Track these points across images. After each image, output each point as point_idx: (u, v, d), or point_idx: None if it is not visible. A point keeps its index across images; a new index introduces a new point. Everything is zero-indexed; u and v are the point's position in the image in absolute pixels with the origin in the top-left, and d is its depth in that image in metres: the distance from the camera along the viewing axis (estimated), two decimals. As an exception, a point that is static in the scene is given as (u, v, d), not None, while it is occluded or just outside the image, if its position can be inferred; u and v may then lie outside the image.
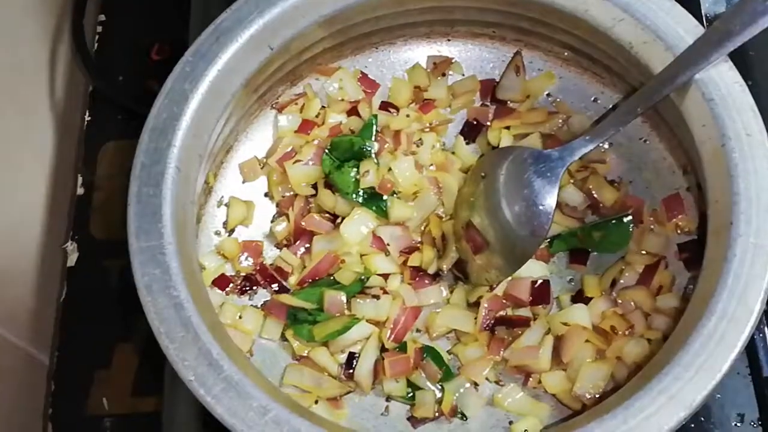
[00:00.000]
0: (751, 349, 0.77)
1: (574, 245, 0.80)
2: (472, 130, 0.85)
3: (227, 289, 0.79)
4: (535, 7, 0.79)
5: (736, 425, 0.76)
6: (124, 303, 0.70)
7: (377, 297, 0.77)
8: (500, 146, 0.82)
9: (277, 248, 0.82)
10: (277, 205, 0.84)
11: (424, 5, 0.82)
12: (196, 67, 0.75)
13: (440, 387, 0.75)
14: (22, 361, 0.87)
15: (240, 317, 0.77)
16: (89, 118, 0.97)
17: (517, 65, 0.86)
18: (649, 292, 0.76)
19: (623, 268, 0.78)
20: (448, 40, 0.87)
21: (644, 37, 0.74)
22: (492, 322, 0.77)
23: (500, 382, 0.76)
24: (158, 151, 0.72)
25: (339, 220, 0.81)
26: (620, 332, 0.75)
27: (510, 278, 0.78)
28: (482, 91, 0.87)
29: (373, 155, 0.80)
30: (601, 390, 0.73)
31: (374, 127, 0.81)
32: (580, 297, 0.78)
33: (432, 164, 0.83)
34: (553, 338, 0.75)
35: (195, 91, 0.74)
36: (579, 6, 0.76)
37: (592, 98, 0.85)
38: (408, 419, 0.75)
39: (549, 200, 0.74)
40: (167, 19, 0.98)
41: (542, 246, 0.80)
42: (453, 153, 0.84)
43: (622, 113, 0.75)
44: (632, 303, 0.76)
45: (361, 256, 0.79)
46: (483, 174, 0.79)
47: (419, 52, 0.88)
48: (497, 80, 0.86)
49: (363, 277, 0.78)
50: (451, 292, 0.79)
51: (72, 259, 0.90)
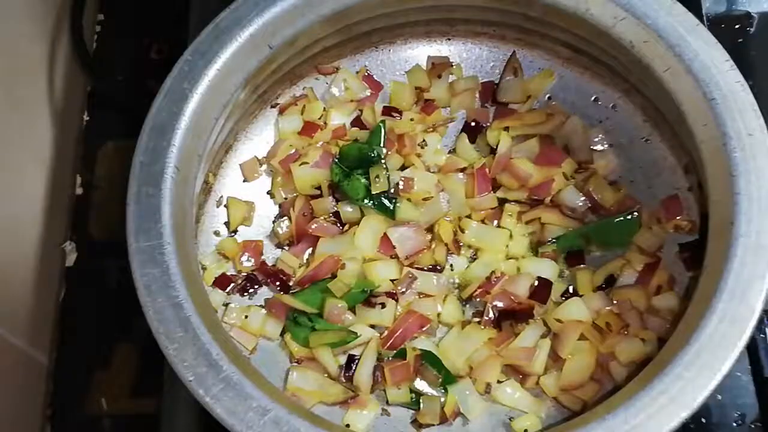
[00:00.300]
0: (752, 349, 0.77)
1: (578, 245, 0.80)
2: (471, 131, 0.85)
3: (228, 288, 0.79)
4: (536, 6, 0.79)
5: (736, 425, 0.76)
6: (123, 303, 0.70)
7: (383, 305, 0.77)
8: (499, 147, 0.82)
9: (278, 248, 0.82)
10: (280, 206, 0.83)
11: (424, 4, 0.82)
12: (196, 67, 0.75)
13: (443, 390, 0.75)
14: (20, 361, 0.87)
15: (246, 317, 0.77)
16: (88, 118, 0.96)
17: (514, 66, 0.85)
18: (645, 291, 0.76)
19: (623, 266, 0.77)
20: (448, 40, 0.87)
21: (645, 36, 0.73)
22: (497, 314, 0.77)
23: (500, 380, 0.75)
24: (157, 151, 0.72)
25: (347, 227, 0.81)
26: (615, 330, 0.74)
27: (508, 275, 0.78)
28: (482, 94, 0.86)
29: (382, 160, 0.80)
30: (586, 381, 0.73)
31: (383, 133, 0.81)
32: (573, 294, 0.78)
33: (436, 166, 0.83)
34: (549, 342, 0.75)
35: (194, 90, 0.74)
36: (580, 5, 0.76)
37: (593, 97, 0.84)
38: (412, 422, 0.75)
39: None
40: (166, 18, 0.97)
41: (549, 245, 0.79)
42: (455, 151, 0.84)
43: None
44: (628, 302, 0.75)
45: (366, 260, 0.79)
46: None
47: (419, 52, 0.87)
48: (497, 82, 0.86)
49: (366, 289, 0.77)
50: (444, 299, 0.79)
51: (71, 259, 0.90)
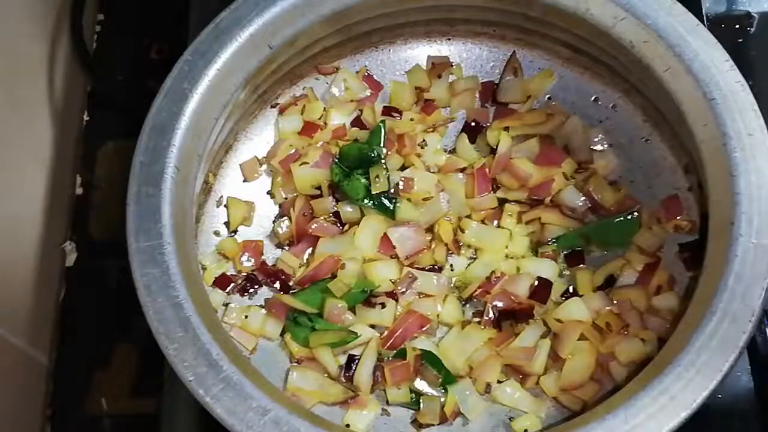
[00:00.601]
0: (752, 349, 0.77)
1: (578, 245, 0.80)
2: (471, 131, 0.85)
3: (228, 288, 0.79)
4: (536, 6, 0.79)
5: (736, 426, 0.76)
6: (123, 303, 0.70)
7: (383, 305, 0.77)
8: (499, 147, 0.82)
9: (278, 248, 0.82)
10: (280, 206, 0.83)
11: (424, 4, 0.82)
12: (196, 67, 0.75)
13: (443, 390, 0.75)
14: (20, 361, 0.87)
15: (246, 317, 0.77)
16: (88, 118, 0.96)
17: (513, 66, 0.85)
18: (645, 292, 0.76)
19: (623, 266, 0.77)
20: (448, 39, 0.87)
21: (645, 36, 0.73)
22: (497, 314, 0.77)
23: (500, 380, 0.75)
24: (157, 151, 0.72)
25: (347, 227, 0.81)
26: (615, 330, 0.74)
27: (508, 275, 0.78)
28: (482, 94, 0.86)
29: (382, 160, 0.80)
30: (586, 381, 0.73)
31: (382, 133, 0.81)
32: (573, 294, 0.78)
33: (436, 166, 0.83)
34: (550, 342, 0.75)
35: (194, 90, 0.74)
36: (580, 5, 0.76)
37: (593, 97, 0.84)
38: (412, 422, 0.75)
39: None
40: (166, 18, 0.97)
41: (549, 245, 0.80)
42: (455, 151, 0.84)
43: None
44: (628, 302, 0.75)
45: (366, 260, 0.79)
46: None
47: (419, 52, 0.87)
48: (497, 82, 0.86)
49: (366, 289, 0.77)
50: (444, 299, 0.79)
51: (71, 259, 0.90)
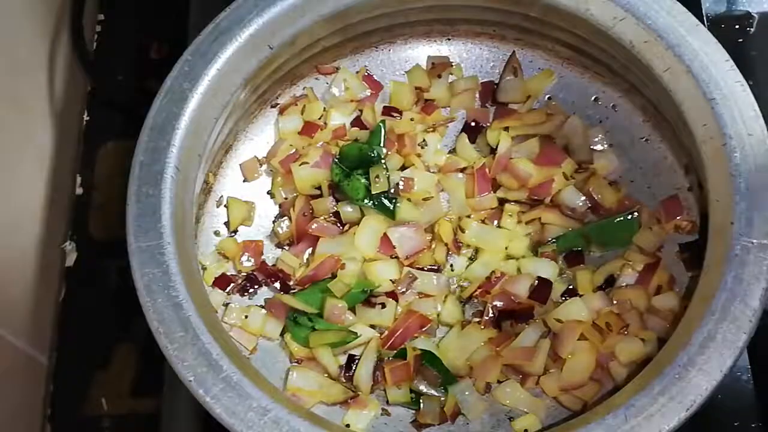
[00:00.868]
0: (752, 349, 0.77)
1: (578, 245, 0.80)
2: (471, 131, 0.85)
3: (228, 288, 0.79)
4: (536, 6, 0.79)
5: (736, 425, 0.76)
6: (123, 303, 0.70)
7: (383, 305, 0.77)
8: (499, 147, 0.82)
9: (278, 248, 0.82)
10: (280, 206, 0.83)
11: (425, 4, 0.82)
12: (196, 67, 0.75)
13: (443, 390, 0.75)
14: (20, 361, 0.87)
15: (246, 317, 0.77)
16: (88, 118, 0.96)
17: (513, 66, 0.85)
18: (645, 292, 0.76)
19: (623, 266, 0.77)
20: (448, 39, 0.87)
21: (645, 36, 0.73)
22: (497, 314, 0.77)
23: (500, 380, 0.75)
24: (157, 151, 0.72)
25: (347, 227, 0.81)
26: (615, 330, 0.74)
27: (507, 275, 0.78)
28: (482, 94, 0.86)
29: (382, 160, 0.80)
30: (586, 381, 0.73)
31: (382, 133, 0.81)
32: (573, 294, 0.78)
33: (436, 166, 0.83)
34: (549, 342, 0.75)
35: (194, 90, 0.74)
36: (580, 5, 0.76)
37: (593, 97, 0.84)
38: (411, 422, 0.75)
39: None
40: (166, 18, 0.98)
41: (549, 245, 0.80)
42: (455, 151, 0.84)
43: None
44: (628, 302, 0.75)
45: (366, 260, 0.78)
46: None
47: (419, 52, 0.87)
48: (497, 82, 0.86)
49: (366, 289, 0.77)
50: (444, 299, 0.79)
51: (71, 259, 0.90)
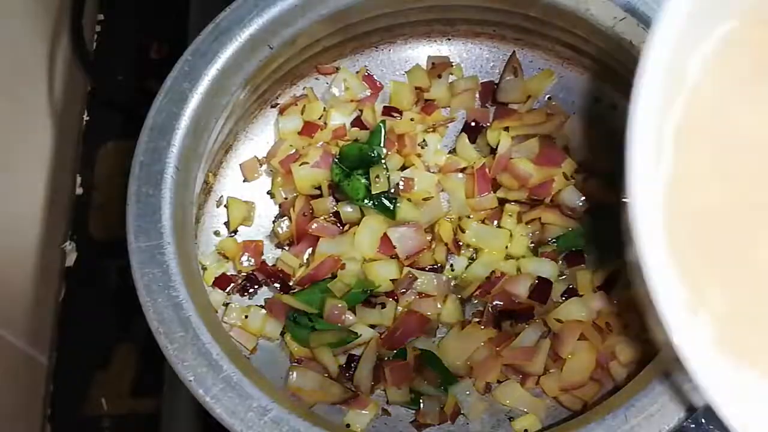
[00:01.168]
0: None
1: (578, 244, 0.80)
2: (471, 131, 0.85)
3: (228, 288, 0.79)
4: (535, 6, 0.79)
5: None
6: (123, 303, 0.70)
7: (383, 305, 0.77)
8: (499, 147, 0.82)
9: (278, 248, 0.82)
10: (280, 206, 0.83)
11: (425, 4, 0.82)
12: (196, 67, 0.75)
13: (443, 390, 0.75)
14: (20, 361, 0.87)
15: (246, 317, 0.77)
16: (88, 118, 0.96)
17: (514, 66, 0.85)
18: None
19: (623, 266, 0.77)
20: (449, 39, 0.87)
21: (645, 36, 0.73)
22: (497, 314, 0.77)
23: (500, 380, 0.75)
24: (157, 151, 0.72)
25: (347, 227, 0.81)
26: (615, 330, 0.74)
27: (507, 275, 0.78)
28: (482, 94, 0.86)
29: (382, 160, 0.80)
30: (586, 381, 0.73)
31: (382, 133, 0.81)
32: (573, 294, 0.78)
33: (436, 166, 0.83)
34: (549, 342, 0.75)
35: (194, 90, 0.74)
36: (580, 5, 0.76)
37: (593, 97, 0.84)
38: (411, 422, 0.75)
39: None
40: (166, 18, 0.98)
41: (549, 245, 0.80)
42: (455, 151, 0.84)
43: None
44: (628, 302, 0.75)
45: (366, 261, 0.78)
46: None
47: (419, 52, 0.87)
48: (497, 82, 0.86)
49: (366, 289, 0.77)
50: (444, 300, 0.79)
51: (71, 259, 0.90)
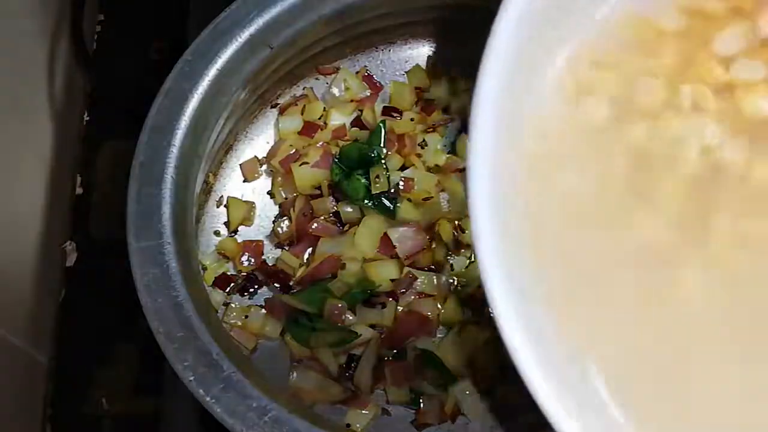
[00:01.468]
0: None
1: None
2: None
3: (228, 288, 0.79)
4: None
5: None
6: (124, 303, 0.70)
7: (383, 305, 0.77)
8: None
9: (278, 248, 0.82)
10: (280, 206, 0.83)
11: (425, 4, 0.82)
12: (196, 67, 0.75)
13: (443, 390, 0.75)
14: (20, 361, 0.87)
15: (246, 317, 0.77)
16: (88, 118, 0.96)
17: (513, 66, 0.85)
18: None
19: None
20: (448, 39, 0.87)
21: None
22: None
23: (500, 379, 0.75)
24: (157, 151, 0.72)
25: (347, 227, 0.81)
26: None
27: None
28: (482, 93, 0.86)
29: (382, 160, 0.80)
30: None
31: (382, 133, 0.81)
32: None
33: (436, 166, 0.83)
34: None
35: (194, 90, 0.74)
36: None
37: (593, 98, 0.84)
38: (411, 422, 0.75)
39: None
40: (167, 18, 0.98)
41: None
42: (455, 151, 0.84)
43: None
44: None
45: (366, 260, 0.78)
46: None
47: (419, 52, 0.87)
48: (496, 81, 0.86)
49: (366, 289, 0.77)
50: (444, 300, 0.78)
51: (71, 259, 0.90)
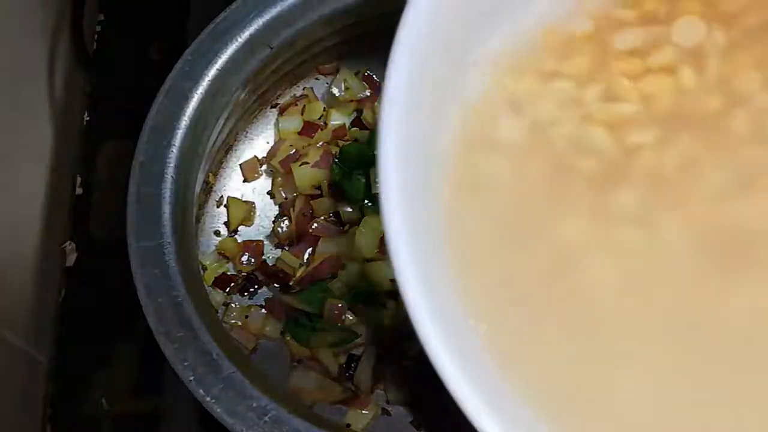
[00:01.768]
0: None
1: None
2: (470, 130, 0.85)
3: (228, 288, 0.79)
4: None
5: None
6: (124, 303, 0.70)
7: (383, 305, 0.77)
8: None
9: (278, 248, 0.82)
10: (280, 206, 0.83)
11: (425, 5, 0.82)
12: (196, 67, 0.75)
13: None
14: (20, 361, 0.87)
15: (246, 317, 0.77)
16: (88, 118, 0.96)
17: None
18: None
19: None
20: (448, 40, 0.87)
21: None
22: None
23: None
24: (158, 151, 0.72)
25: (347, 227, 0.81)
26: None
27: None
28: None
29: None
30: None
31: None
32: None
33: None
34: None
35: (194, 90, 0.74)
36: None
37: (593, 98, 0.84)
38: (411, 422, 0.75)
39: None
40: (167, 18, 0.97)
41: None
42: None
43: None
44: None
45: (366, 261, 0.78)
46: None
47: (419, 52, 0.87)
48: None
49: (368, 290, 0.77)
50: None
51: (71, 259, 0.90)
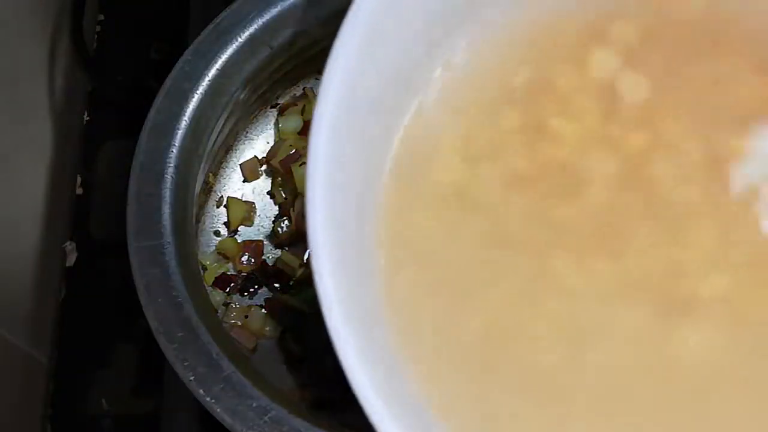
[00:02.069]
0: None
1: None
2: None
3: (228, 288, 0.79)
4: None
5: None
6: (124, 303, 0.70)
7: None
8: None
9: (278, 248, 0.82)
10: (280, 206, 0.83)
11: (425, 5, 0.82)
12: (196, 67, 0.74)
13: None
14: (20, 361, 0.87)
15: (246, 317, 0.77)
16: (88, 118, 0.96)
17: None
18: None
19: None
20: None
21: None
22: None
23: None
24: (158, 151, 0.72)
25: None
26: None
27: None
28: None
29: None
30: None
31: None
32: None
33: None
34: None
35: (194, 90, 0.74)
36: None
37: (592, 98, 0.84)
38: None
39: None
40: (167, 18, 0.98)
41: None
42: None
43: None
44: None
45: None
46: None
47: (419, 52, 0.87)
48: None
49: None
50: None
51: (71, 259, 0.90)
